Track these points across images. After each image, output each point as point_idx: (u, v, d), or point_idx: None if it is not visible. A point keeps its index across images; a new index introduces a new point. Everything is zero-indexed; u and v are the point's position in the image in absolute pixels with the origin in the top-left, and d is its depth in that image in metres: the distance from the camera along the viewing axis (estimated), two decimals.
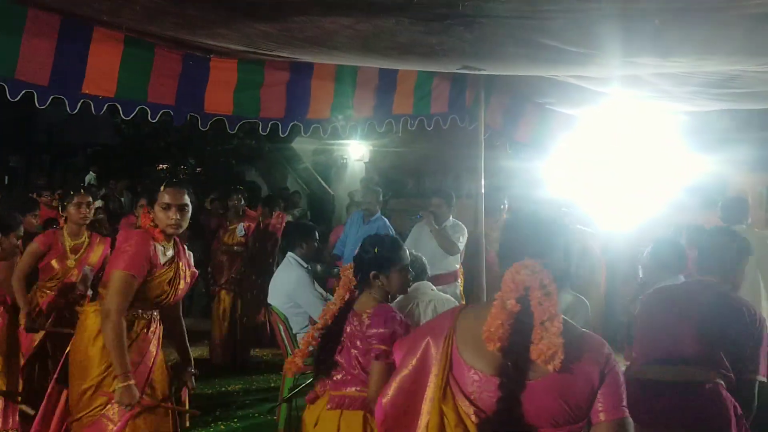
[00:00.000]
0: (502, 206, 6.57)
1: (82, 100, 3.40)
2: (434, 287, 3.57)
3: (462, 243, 5.36)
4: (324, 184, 12.09)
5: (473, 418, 1.65)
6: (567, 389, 1.61)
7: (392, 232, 5.44)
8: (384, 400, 1.82)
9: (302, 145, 11.95)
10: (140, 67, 3.55)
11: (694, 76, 3.85)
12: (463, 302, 5.49)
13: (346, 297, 2.83)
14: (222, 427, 4.85)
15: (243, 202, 6.55)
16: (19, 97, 3.18)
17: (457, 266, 5.49)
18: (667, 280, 3.39)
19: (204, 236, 7.33)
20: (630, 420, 1.65)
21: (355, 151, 11.97)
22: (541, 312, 1.59)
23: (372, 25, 2.86)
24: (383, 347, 2.50)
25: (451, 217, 5.44)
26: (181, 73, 3.73)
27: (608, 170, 5.96)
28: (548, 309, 1.59)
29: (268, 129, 4.11)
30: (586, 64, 3.50)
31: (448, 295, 3.77)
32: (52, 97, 3.28)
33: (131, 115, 3.64)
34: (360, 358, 2.65)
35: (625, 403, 1.65)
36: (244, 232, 6.36)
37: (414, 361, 1.80)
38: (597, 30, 2.79)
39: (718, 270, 2.95)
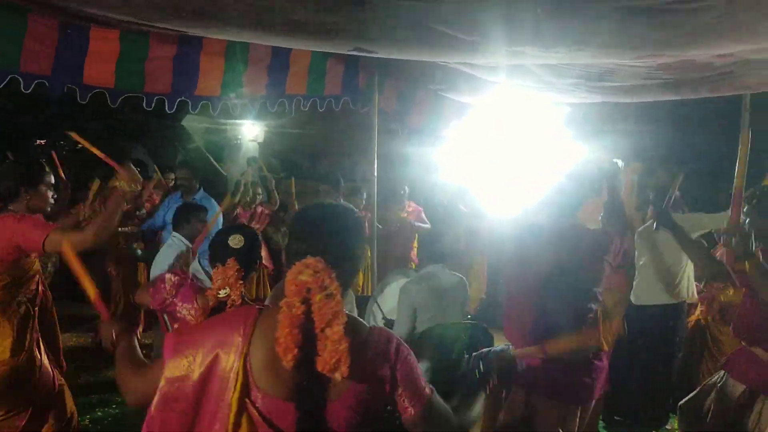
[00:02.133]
0: (402, 192, 6.68)
1: None
2: None
3: None
4: (216, 165, 11.76)
5: None
6: (363, 399, 1.53)
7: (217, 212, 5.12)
8: (154, 412, 1.52)
9: (193, 123, 11.54)
10: (11, 35, 3.30)
11: (573, 67, 4.05)
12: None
13: None
14: (112, 410, 4.77)
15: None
16: None
17: None
18: None
19: None
20: (435, 396, 1.64)
21: (249, 132, 11.70)
22: (320, 318, 1.44)
23: (264, 1, 2.79)
24: None
25: (341, 201, 5.49)
26: (58, 41, 3.50)
27: (497, 157, 6.18)
28: (328, 313, 1.44)
29: (153, 104, 3.94)
30: (474, 52, 3.59)
31: None
32: None
33: (1, 85, 3.38)
34: None
35: (423, 383, 1.62)
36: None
37: (195, 377, 1.50)
38: (483, 17, 2.87)
39: None
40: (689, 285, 4.69)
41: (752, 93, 4.33)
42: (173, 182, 6.52)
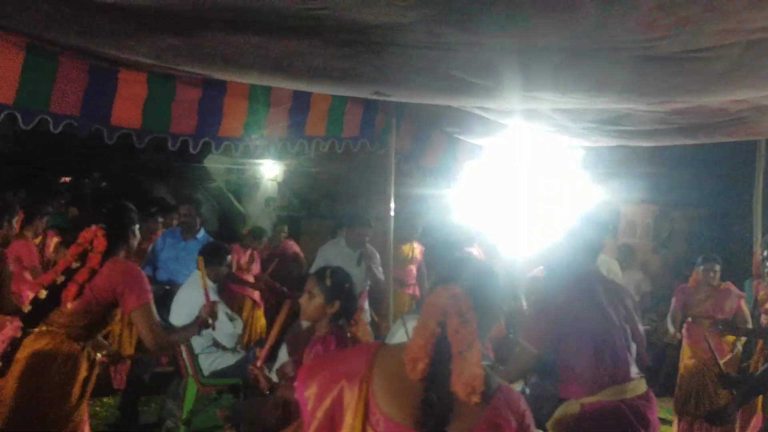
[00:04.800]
0: (416, 233, 6.73)
1: None
2: None
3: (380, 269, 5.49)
4: (236, 203, 11.92)
5: None
6: None
7: None
8: None
9: (214, 164, 11.75)
10: (42, 76, 3.43)
11: (588, 112, 4.12)
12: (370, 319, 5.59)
13: None
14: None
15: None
16: None
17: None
18: None
19: None
20: None
21: (269, 171, 11.88)
22: (458, 341, 1.51)
23: (285, 47, 2.90)
24: None
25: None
26: (87, 83, 3.63)
27: (511, 199, 6.22)
28: (467, 337, 1.51)
29: (178, 145, 4.05)
30: (489, 97, 3.67)
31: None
32: None
33: (31, 125, 3.50)
34: None
35: None
36: None
37: (324, 411, 1.61)
38: (498, 64, 2.95)
39: None
40: None
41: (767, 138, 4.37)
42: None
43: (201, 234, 5.36)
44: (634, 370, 2.97)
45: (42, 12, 2.67)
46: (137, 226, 3.29)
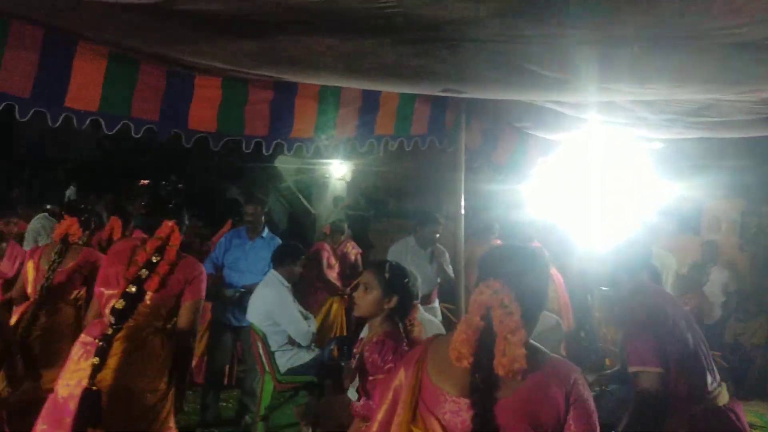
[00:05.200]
0: (494, 228, 6.66)
1: (64, 114, 3.40)
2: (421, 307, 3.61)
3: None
4: (306, 203, 12.10)
5: None
6: (534, 411, 1.62)
7: None
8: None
9: (284, 164, 11.96)
10: (124, 83, 3.56)
11: (669, 103, 3.94)
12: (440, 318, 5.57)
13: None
14: None
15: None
16: None
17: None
18: None
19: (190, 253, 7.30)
20: None
21: (337, 171, 12.01)
22: (502, 328, 1.63)
23: (355, 46, 2.90)
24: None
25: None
26: (165, 89, 3.75)
27: (585, 194, 6.05)
28: (510, 325, 1.63)
29: (252, 147, 4.13)
30: (563, 90, 3.57)
31: (431, 317, 3.80)
32: (33, 110, 3.29)
33: (114, 130, 3.64)
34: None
35: (595, 424, 1.65)
36: None
37: (390, 395, 1.85)
38: (574, 56, 2.86)
39: None
40: None
41: None
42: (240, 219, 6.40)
43: (266, 233, 5.37)
44: (713, 380, 2.91)
45: (124, 21, 2.76)
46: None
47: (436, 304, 5.69)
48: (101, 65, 3.46)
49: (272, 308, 4.40)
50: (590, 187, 6.12)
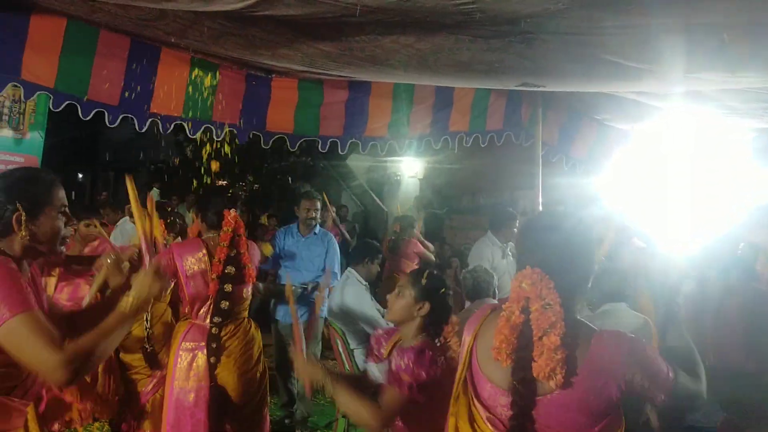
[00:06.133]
0: None
1: (150, 119, 3.55)
2: None
3: None
4: (378, 201, 12.15)
5: (487, 424, 1.63)
6: (583, 400, 1.53)
7: (337, 248, 4.95)
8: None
9: (357, 162, 12.05)
10: (206, 87, 3.69)
11: (762, 91, 3.73)
12: None
13: None
14: None
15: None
16: (90, 116, 3.34)
17: None
18: None
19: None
20: (680, 377, 1.58)
21: (409, 168, 11.98)
22: (538, 326, 1.53)
23: (432, 44, 2.89)
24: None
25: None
26: (244, 92, 3.86)
27: (668, 187, 5.81)
28: (546, 322, 1.53)
29: (328, 146, 4.19)
30: (645, 80, 3.44)
31: None
32: (121, 116, 3.45)
33: (197, 134, 3.77)
34: None
35: (665, 368, 1.57)
36: None
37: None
38: (659, 45, 2.75)
39: None
40: None
41: None
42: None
43: (318, 229, 5.03)
44: None
45: (206, 28, 2.85)
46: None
47: None
48: (184, 71, 3.59)
49: (351, 307, 4.44)
50: (672, 179, 5.87)
